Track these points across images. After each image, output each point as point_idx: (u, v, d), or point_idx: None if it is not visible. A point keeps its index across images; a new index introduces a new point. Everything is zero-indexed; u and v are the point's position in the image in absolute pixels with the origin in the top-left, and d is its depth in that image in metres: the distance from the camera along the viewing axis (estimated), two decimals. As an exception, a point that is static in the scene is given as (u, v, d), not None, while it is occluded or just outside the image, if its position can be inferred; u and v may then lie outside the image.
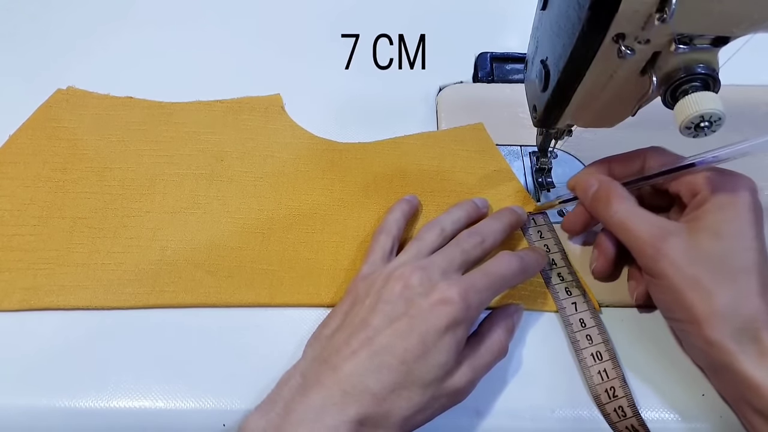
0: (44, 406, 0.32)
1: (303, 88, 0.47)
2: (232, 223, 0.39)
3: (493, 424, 0.33)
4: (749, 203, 0.30)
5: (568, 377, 0.34)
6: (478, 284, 0.31)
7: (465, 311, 0.29)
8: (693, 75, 0.27)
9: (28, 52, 0.50)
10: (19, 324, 0.35)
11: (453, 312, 0.29)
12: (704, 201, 0.31)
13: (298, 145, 0.43)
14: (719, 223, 0.30)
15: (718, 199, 0.31)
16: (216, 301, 0.36)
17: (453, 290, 0.30)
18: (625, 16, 0.25)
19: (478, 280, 0.31)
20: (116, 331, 0.35)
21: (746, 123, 0.44)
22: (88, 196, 0.40)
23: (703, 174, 0.32)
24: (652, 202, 0.35)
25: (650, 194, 0.36)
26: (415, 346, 0.28)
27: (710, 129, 0.27)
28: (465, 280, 0.31)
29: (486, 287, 0.31)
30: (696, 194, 0.32)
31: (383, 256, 0.35)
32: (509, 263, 0.32)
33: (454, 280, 0.30)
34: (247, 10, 0.53)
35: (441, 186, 0.41)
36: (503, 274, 0.32)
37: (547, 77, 0.31)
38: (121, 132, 0.43)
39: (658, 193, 0.35)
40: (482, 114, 0.45)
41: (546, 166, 0.40)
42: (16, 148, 0.42)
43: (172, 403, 0.33)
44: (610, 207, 0.33)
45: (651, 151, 0.35)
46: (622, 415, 0.32)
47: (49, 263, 0.37)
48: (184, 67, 0.48)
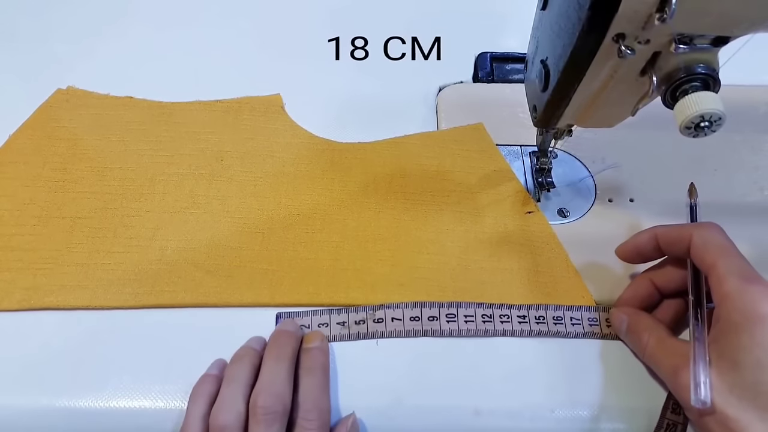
0: (44, 406, 0.32)
1: (303, 88, 0.47)
2: (231, 222, 0.39)
3: (492, 424, 0.33)
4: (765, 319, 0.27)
5: (568, 377, 0.34)
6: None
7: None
8: (693, 75, 0.27)
9: (28, 52, 0.50)
10: (19, 324, 0.35)
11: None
12: (719, 318, 0.29)
13: (298, 145, 0.43)
14: (736, 351, 0.27)
15: (733, 319, 0.28)
16: (216, 301, 0.36)
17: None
18: (625, 16, 0.25)
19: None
20: (116, 331, 0.35)
21: (746, 123, 0.45)
22: (88, 196, 0.40)
23: (724, 283, 0.29)
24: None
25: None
26: None
27: (710, 129, 0.27)
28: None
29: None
30: (719, 303, 0.29)
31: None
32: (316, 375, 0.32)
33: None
34: (247, 10, 0.53)
35: (441, 186, 0.41)
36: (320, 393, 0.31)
37: (547, 77, 0.31)
38: (121, 132, 0.43)
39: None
40: (482, 114, 0.45)
41: (546, 166, 0.40)
42: (16, 148, 0.42)
43: (172, 403, 0.33)
44: (641, 341, 0.32)
45: (695, 235, 0.31)
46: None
47: (49, 263, 0.37)
48: (184, 67, 0.48)
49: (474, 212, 0.40)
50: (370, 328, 0.35)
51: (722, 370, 0.28)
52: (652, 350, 0.32)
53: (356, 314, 0.35)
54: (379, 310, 0.35)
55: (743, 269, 0.29)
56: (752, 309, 0.27)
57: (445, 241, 0.39)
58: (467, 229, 0.39)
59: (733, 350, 0.28)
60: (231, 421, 0.30)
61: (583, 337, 0.35)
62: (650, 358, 0.32)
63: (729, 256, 0.30)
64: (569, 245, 0.38)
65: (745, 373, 0.27)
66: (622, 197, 0.41)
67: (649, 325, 0.33)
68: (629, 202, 0.41)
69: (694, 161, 0.42)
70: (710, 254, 0.30)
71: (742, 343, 0.27)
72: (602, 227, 0.39)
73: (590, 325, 0.35)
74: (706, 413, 0.27)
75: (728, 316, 0.28)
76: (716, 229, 0.31)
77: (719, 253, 0.30)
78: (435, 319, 0.35)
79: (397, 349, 0.35)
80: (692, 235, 0.31)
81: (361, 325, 0.35)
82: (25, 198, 0.40)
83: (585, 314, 0.36)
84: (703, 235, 0.31)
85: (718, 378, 0.28)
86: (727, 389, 0.27)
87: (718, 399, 0.27)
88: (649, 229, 0.34)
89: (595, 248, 0.38)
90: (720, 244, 0.30)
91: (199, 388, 0.32)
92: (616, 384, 0.33)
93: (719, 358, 0.28)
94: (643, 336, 0.32)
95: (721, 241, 0.30)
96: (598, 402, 0.33)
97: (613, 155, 0.43)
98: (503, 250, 0.38)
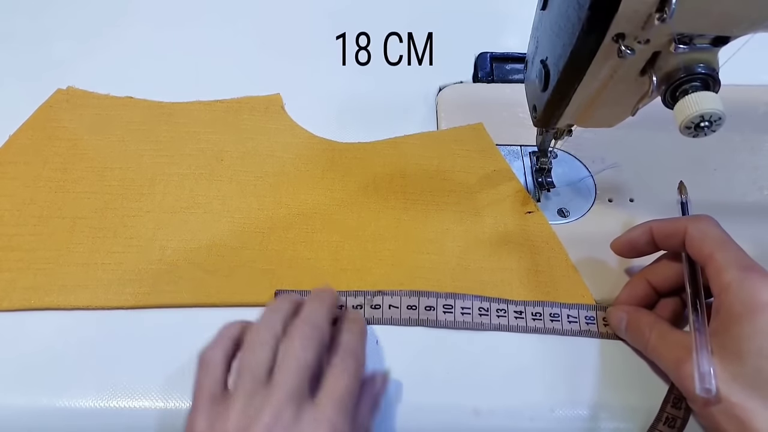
0: (44, 406, 0.32)
1: (303, 88, 0.47)
2: (231, 222, 0.39)
3: (492, 423, 0.33)
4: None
5: (568, 377, 0.34)
6: (341, 406, 0.27)
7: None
8: (693, 75, 0.27)
9: (28, 52, 0.50)
10: (19, 324, 0.35)
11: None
12: (719, 309, 0.29)
13: (298, 144, 0.43)
14: (739, 341, 0.27)
15: (734, 309, 0.28)
16: (216, 301, 0.36)
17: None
18: (625, 16, 0.25)
19: (338, 402, 0.27)
20: (116, 331, 0.35)
21: (746, 123, 0.45)
22: (88, 196, 0.40)
23: (723, 274, 0.29)
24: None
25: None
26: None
27: (710, 129, 0.27)
28: (327, 410, 0.27)
29: (346, 407, 0.27)
30: (718, 294, 0.29)
31: (213, 400, 0.28)
32: (348, 372, 0.29)
33: (316, 417, 0.26)
34: (247, 10, 0.53)
35: (441, 186, 0.41)
36: (353, 381, 0.29)
37: (547, 77, 0.31)
38: (121, 132, 0.43)
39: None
40: (482, 114, 0.45)
41: (546, 166, 0.40)
42: (16, 148, 0.42)
43: (172, 403, 0.33)
44: (643, 337, 0.32)
45: (690, 228, 0.31)
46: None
47: (50, 263, 0.37)
48: (184, 67, 0.48)
49: (474, 212, 0.40)
50: (367, 314, 0.35)
51: (725, 360, 0.28)
52: (654, 345, 0.32)
53: (354, 299, 0.36)
54: (377, 296, 0.36)
55: (741, 259, 0.29)
56: (752, 298, 0.27)
57: (445, 241, 0.39)
58: (467, 229, 0.39)
59: (736, 340, 0.27)
60: (268, 338, 0.28)
61: (579, 335, 0.35)
62: (653, 352, 0.32)
63: (726, 246, 0.30)
64: (569, 245, 0.38)
65: (749, 362, 0.27)
66: (622, 197, 0.41)
67: (650, 320, 0.33)
68: (629, 202, 0.41)
69: (694, 161, 0.42)
70: (707, 246, 0.30)
71: (744, 333, 0.27)
72: (602, 227, 0.39)
73: (587, 323, 0.35)
74: (710, 403, 0.28)
75: (729, 307, 0.28)
76: (711, 221, 0.31)
77: (716, 245, 0.30)
78: (432, 309, 0.35)
79: (396, 348, 0.35)
80: (687, 228, 0.31)
81: (359, 310, 0.35)
82: (25, 198, 0.40)
83: (582, 312, 0.36)
84: (699, 227, 0.31)
85: (722, 368, 0.28)
86: (731, 378, 0.27)
87: (722, 388, 0.27)
88: (643, 224, 0.34)
89: (595, 248, 0.38)
90: (716, 236, 0.30)
91: (233, 324, 0.31)
92: (616, 383, 0.33)
93: (722, 349, 0.28)
94: (645, 331, 0.32)
95: (717, 232, 0.31)
96: (598, 401, 0.33)
97: (613, 155, 0.43)
98: (503, 250, 0.38)
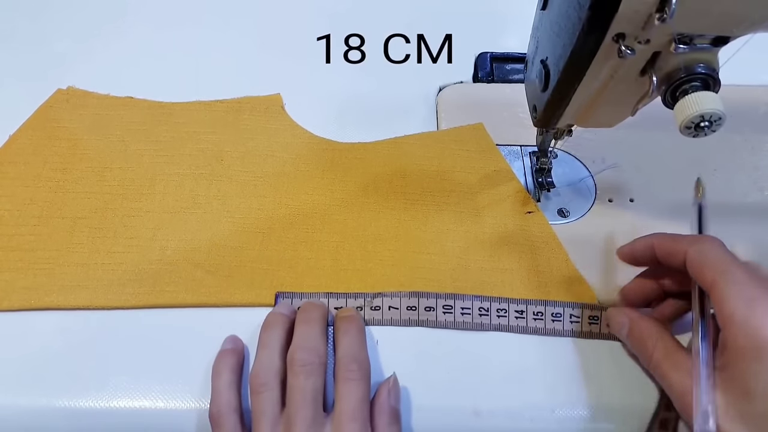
0: (44, 406, 0.32)
1: (303, 88, 0.47)
2: (231, 222, 0.39)
3: (492, 424, 0.33)
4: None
5: (568, 377, 0.34)
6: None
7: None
8: (693, 75, 0.27)
9: (28, 52, 0.50)
10: (19, 324, 0.35)
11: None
12: (726, 342, 0.27)
13: (298, 144, 0.43)
14: (747, 378, 0.26)
15: (739, 343, 0.26)
16: (216, 301, 0.36)
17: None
18: (625, 16, 0.25)
19: (352, 414, 0.29)
20: (116, 331, 0.35)
21: (746, 123, 0.45)
22: (88, 196, 0.40)
23: (725, 305, 0.27)
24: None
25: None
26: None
27: (710, 129, 0.27)
28: (346, 428, 0.29)
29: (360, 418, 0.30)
30: (723, 326, 0.27)
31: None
32: (355, 381, 0.31)
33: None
34: (247, 10, 0.53)
35: (441, 186, 0.41)
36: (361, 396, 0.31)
37: (547, 77, 0.31)
38: (121, 132, 0.43)
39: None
40: (482, 114, 0.45)
41: (546, 166, 0.40)
42: (16, 148, 0.42)
43: (172, 403, 0.33)
44: (646, 349, 0.31)
45: (690, 251, 0.30)
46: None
47: (49, 263, 0.37)
48: (184, 67, 0.48)
49: (474, 212, 0.40)
50: (367, 316, 0.35)
51: (732, 396, 0.26)
52: (658, 362, 0.30)
53: (354, 300, 0.36)
54: (377, 297, 0.36)
55: (744, 287, 0.27)
56: (757, 332, 0.26)
57: (445, 241, 0.39)
58: (467, 229, 0.39)
59: (743, 377, 0.26)
60: (271, 377, 0.31)
61: (580, 336, 0.35)
62: (656, 369, 0.31)
63: (728, 274, 0.27)
64: (569, 245, 0.38)
65: (757, 402, 0.26)
66: (622, 197, 0.41)
67: (653, 332, 0.31)
68: (629, 202, 0.41)
69: (694, 161, 0.42)
70: (708, 272, 0.28)
71: (751, 370, 0.26)
72: (602, 227, 0.39)
73: (589, 324, 0.35)
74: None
75: (734, 341, 0.26)
76: (714, 243, 0.29)
77: (718, 271, 0.28)
78: (432, 309, 0.35)
79: (396, 349, 0.35)
80: (687, 251, 0.29)
81: (359, 312, 0.35)
82: (25, 198, 0.40)
83: (586, 312, 0.35)
84: (700, 250, 0.29)
85: (728, 405, 0.26)
86: (738, 417, 0.26)
87: (727, 427, 0.26)
88: (647, 237, 0.32)
89: (595, 248, 0.38)
90: (717, 260, 0.28)
91: (220, 363, 0.33)
92: (616, 384, 0.33)
93: (730, 386, 0.27)
94: (648, 343, 0.31)
95: (718, 256, 0.28)
96: (598, 402, 0.33)
97: (613, 155, 0.43)
98: (503, 250, 0.38)
